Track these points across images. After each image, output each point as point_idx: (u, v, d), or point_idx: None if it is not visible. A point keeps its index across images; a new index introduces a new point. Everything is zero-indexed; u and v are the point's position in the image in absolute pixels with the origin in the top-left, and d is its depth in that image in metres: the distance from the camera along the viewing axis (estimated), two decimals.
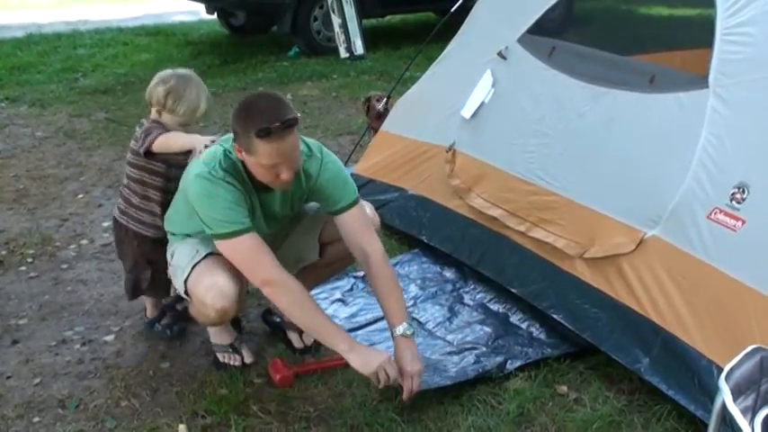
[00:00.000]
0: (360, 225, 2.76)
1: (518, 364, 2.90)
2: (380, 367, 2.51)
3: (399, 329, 2.65)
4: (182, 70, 2.98)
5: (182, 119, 2.91)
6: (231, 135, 2.59)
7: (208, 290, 2.63)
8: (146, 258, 3.05)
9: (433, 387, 2.71)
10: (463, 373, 2.84)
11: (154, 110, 2.93)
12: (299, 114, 2.54)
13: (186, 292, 2.74)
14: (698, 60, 2.94)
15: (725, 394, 1.66)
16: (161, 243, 2.95)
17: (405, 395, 2.59)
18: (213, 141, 2.68)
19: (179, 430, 2.64)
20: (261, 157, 2.46)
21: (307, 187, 2.70)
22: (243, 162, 2.56)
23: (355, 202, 2.76)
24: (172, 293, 3.21)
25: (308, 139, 2.75)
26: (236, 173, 2.57)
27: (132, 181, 3.01)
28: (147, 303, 3.23)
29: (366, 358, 2.54)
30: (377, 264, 2.71)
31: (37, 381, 2.93)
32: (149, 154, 2.88)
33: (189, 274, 2.69)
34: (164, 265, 2.93)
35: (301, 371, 2.85)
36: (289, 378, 2.83)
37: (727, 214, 2.55)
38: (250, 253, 2.55)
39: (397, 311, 2.69)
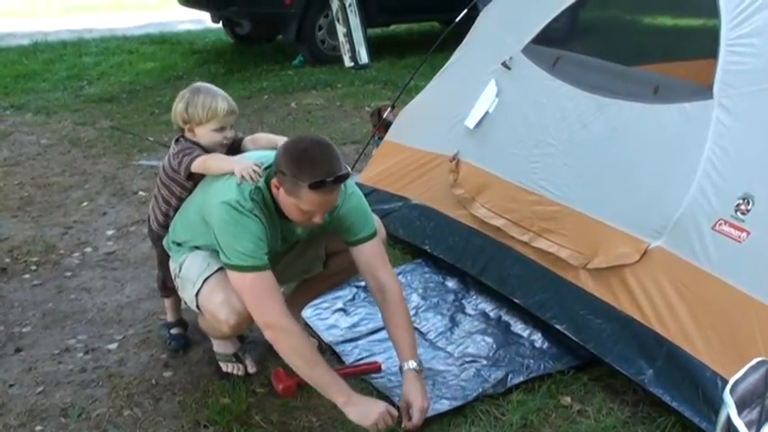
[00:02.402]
0: (378, 258, 2.76)
1: (520, 379, 2.89)
2: (379, 418, 2.47)
3: (410, 364, 2.65)
4: (196, 84, 2.93)
5: (211, 124, 2.79)
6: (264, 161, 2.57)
7: (221, 305, 2.61)
8: (159, 257, 3.08)
9: (432, 414, 2.67)
10: (462, 393, 2.82)
11: (186, 129, 2.84)
12: (349, 169, 2.54)
13: (197, 306, 2.73)
14: (702, 71, 2.94)
15: (730, 407, 1.65)
16: None
17: (408, 426, 2.57)
18: (256, 172, 2.55)
19: None
20: (303, 203, 2.46)
21: (329, 217, 2.65)
22: (271, 193, 2.54)
23: (374, 235, 2.75)
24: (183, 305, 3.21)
25: None
26: (264, 204, 2.55)
27: (161, 184, 2.95)
28: (168, 307, 3.22)
29: (364, 410, 2.49)
30: (394, 302, 2.72)
31: (39, 389, 2.93)
32: (189, 174, 2.81)
33: (200, 289, 2.68)
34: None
35: (304, 381, 2.84)
36: (291, 388, 2.82)
37: (731, 225, 2.55)
38: (261, 292, 2.52)
39: (408, 347, 2.69)
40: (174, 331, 3.20)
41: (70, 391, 2.92)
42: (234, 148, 2.98)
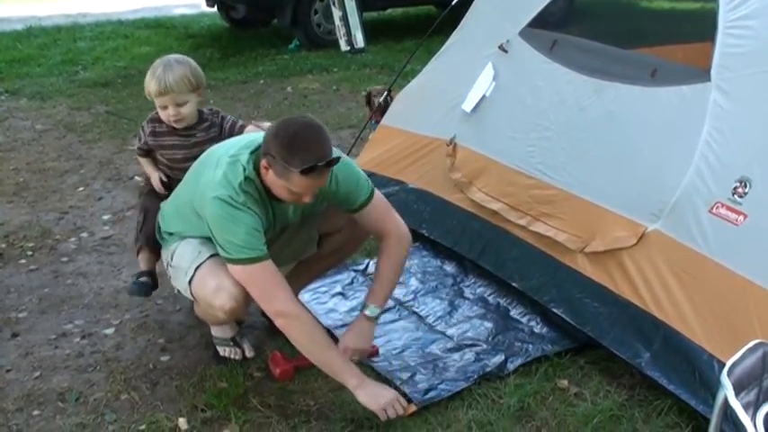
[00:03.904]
0: (380, 215, 2.78)
1: (518, 363, 2.89)
2: (388, 404, 2.51)
3: (367, 310, 2.76)
4: (167, 57, 2.97)
5: (154, 100, 2.93)
6: (235, 152, 2.55)
7: (215, 292, 2.60)
8: (143, 206, 3.10)
9: (437, 400, 2.70)
10: (463, 376, 2.82)
11: None
12: (341, 153, 2.55)
13: (192, 294, 2.72)
14: (700, 54, 2.93)
15: (727, 390, 1.65)
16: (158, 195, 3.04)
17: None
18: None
19: (179, 424, 2.63)
20: (293, 186, 2.44)
21: (321, 195, 2.64)
22: (259, 174, 2.52)
23: (371, 195, 2.75)
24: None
25: None
26: (255, 192, 2.53)
27: None
28: (141, 259, 3.13)
29: (374, 394, 2.54)
30: (388, 247, 2.78)
31: (37, 374, 2.93)
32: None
33: (192, 276, 2.67)
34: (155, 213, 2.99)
35: (301, 364, 2.84)
36: (289, 372, 2.83)
37: (728, 208, 2.55)
38: (266, 282, 2.52)
39: (379, 293, 2.78)
40: (141, 279, 3.10)
41: (67, 375, 2.93)
42: (231, 135, 3.00)
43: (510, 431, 2.57)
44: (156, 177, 3.06)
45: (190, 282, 2.68)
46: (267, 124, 3.02)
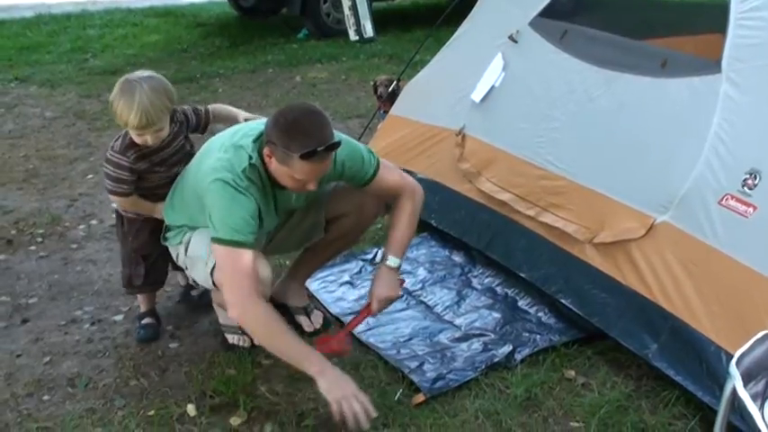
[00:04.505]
0: (388, 181, 2.80)
1: (526, 353, 2.90)
2: (344, 398, 2.37)
3: (388, 260, 2.77)
4: (141, 73, 2.75)
5: (129, 129, 2.74)
6: (238, 139, 2.56)
7: None
8: (140, 252, 2.98)
9: (444, 390, 2.70)
10: (471, 366, 2.83)
11: None
12: (340, 135, 2.55)
13: (213, 283, 2.70)
14: (711, 45, 2.92)
15: (735, 380, 1.65)
16: (158, 236, 2.93)
17: (372, 312, 2.76)
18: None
19: (187, 410, 2.65)
20: (295, 173, 2.45)
21: (325, 180, 2.65)
22: (264, 162, 2.53)
23: (378, 166, 2.76)
24: (182, 282, 3.24)
25: None
26: (258, 178, 2.54)
27: None
28: (141, 300, 3.14)
29: (333, 385, 2.41)
30: (400, 202, 2.81)
31: (47, 359, 2.95)
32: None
33: (214, 265, 2.63)
34: (160, 257, 2.97)
35: (349, 329, 2.85)
36: (342, 343, 2.78)
37: (738, 200, 2.54)
38: (241, 270, 2.46)
39: (396, 244, 2.78)
40: (145, 321, 3.11)
41: (77, 361, 2.95)
42: (201, 123, 3.00)
43: (517, 421, 2.58)
44: (161, 209, 2.88)
45: (211, 271, 2.67)
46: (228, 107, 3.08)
